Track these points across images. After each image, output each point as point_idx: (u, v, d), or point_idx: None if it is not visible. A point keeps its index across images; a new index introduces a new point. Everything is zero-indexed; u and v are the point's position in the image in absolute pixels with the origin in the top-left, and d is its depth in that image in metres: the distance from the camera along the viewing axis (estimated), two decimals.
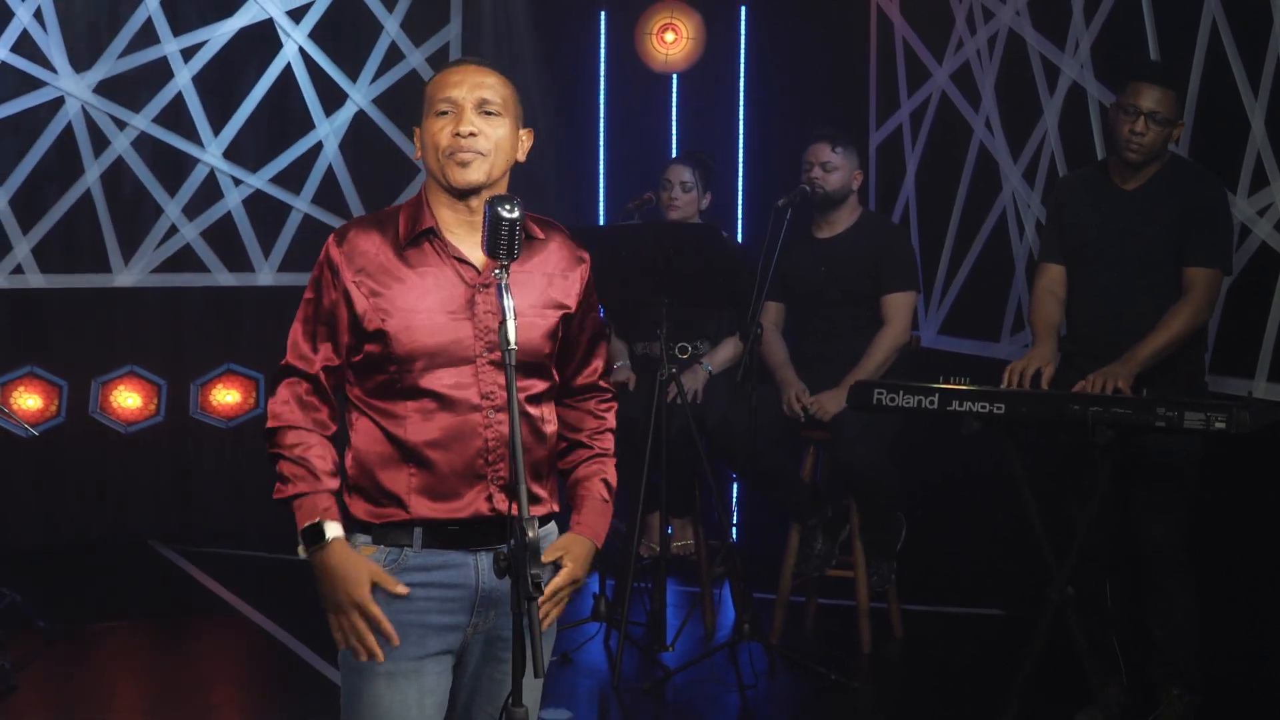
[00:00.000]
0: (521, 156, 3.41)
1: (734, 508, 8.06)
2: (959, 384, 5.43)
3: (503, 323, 3.09)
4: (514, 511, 3.04)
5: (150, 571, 7.93)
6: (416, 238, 3.35)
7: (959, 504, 7.46)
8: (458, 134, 3.30)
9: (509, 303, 3.11)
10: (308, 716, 5.80)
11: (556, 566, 3.37)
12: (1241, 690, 5.84)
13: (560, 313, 3.41)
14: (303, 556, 3.30)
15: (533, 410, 3.38)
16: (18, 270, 7.97)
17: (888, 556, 6.60)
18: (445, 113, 3.32)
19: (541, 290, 3.39)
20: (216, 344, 8.45)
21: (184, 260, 8.28)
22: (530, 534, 2.97)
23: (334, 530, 3.28)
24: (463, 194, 3.34)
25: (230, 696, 6.35)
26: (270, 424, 3.38)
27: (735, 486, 8.14)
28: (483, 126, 3.31)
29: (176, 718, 5.97)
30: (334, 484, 3.33)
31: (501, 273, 3.14)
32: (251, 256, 8.36)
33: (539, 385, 3.39)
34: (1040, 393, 5.37)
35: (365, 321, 3.30)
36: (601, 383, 3.60)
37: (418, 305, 3.30)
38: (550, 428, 3.44)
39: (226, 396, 8.45)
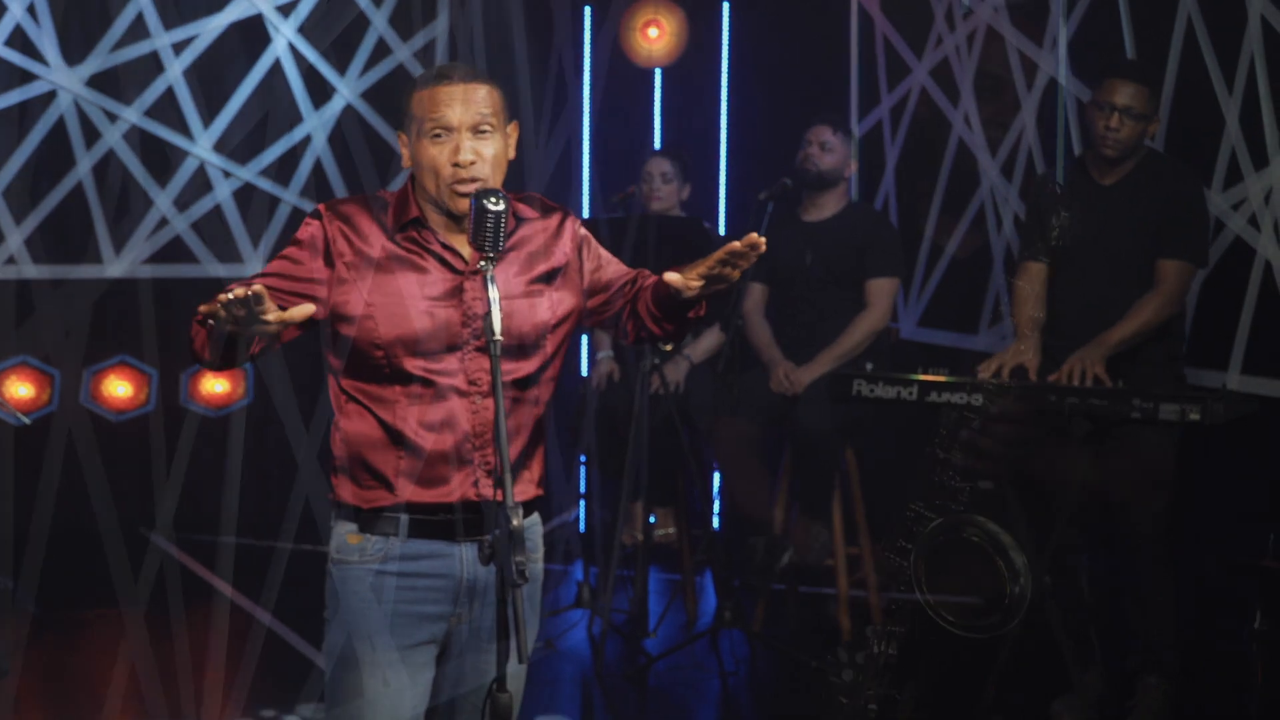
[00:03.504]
0: (512, 153, 3.42)
1: (716, 497, 8.11)
2: (938, 375, 5.49)
3: (488, 313, 3.12)
4: (499, 498, 3.07)
5: (141, 559, 7.97)
6: (404, 226, 3.36)
7: None
8: (457, 164, 3.30)
9: (494, 294, 3.13)
10: (297, 703, 5.85)
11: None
12: (1217, 680, 5.90)
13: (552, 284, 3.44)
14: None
15: (520, 393, 3.38)
16: (10, 261, 8.03)
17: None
18: (439, 136, 3.32)
19: (528, 269, 3.40)
20: None
21: (174, 251, 8.31)
22: (515, 522, 3.00)
23: None
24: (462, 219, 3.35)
25: (220, 683, 6.41)
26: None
27: (717, 476, 8.21)
28: (480, 149, 3.32)
29: (166, 704, 6.02)
30: None
31: (487, 264, 3.16)
32: (241, 248, 8.41)
33: (529, 366, 3.39)
34: (1017, 384, 5.41)
35: (351, 306, 3.32)
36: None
37: (405, 292, 3.31)
38: (539, 409, 3.45)
39: (216, 386, 8.50)
